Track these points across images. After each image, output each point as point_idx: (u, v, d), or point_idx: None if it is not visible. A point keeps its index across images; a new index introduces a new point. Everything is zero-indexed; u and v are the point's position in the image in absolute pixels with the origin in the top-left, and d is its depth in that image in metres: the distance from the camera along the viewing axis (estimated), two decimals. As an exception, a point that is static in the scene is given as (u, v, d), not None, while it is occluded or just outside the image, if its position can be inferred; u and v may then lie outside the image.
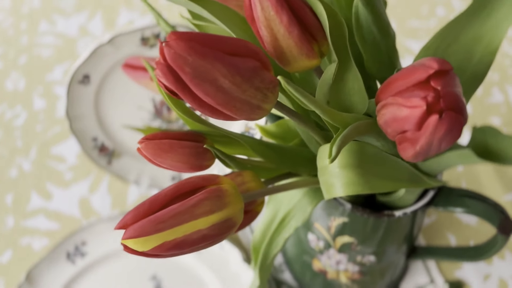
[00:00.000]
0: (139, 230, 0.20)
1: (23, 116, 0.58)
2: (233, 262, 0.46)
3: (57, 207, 0.52)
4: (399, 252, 0.39)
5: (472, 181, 0.53)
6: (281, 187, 0.26)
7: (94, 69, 0.41)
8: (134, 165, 0.49)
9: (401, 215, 0.32)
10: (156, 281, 0.46)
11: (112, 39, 0.39)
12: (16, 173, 0.54)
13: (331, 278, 0.42)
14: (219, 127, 0.26)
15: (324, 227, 0.36)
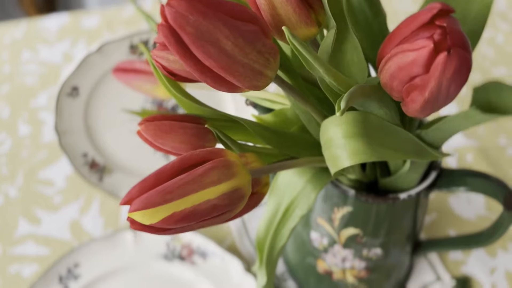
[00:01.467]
0: (146, 202, 0.19)
1: (8, 143, 0.57)
2: (235, 272, 0.44)
3: (46, 231, 0.50)
4: (404, 244, 0.38)
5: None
6: (287, 164, 0.26)
7: (83, 80, 0.40)
8: (126, 181, 0.48)
9: (405, 197, 0.31)
10: (154, 299, 0.44)
11: (101, 47, 0.38)
12: (1, 200, 0.52)
13: (337, 279, 0.40)
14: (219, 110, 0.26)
15: (328, 221, 0.35)
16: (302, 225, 0.39)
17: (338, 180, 0.32)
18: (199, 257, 0.46)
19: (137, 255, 0.46)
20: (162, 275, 0.45)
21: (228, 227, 0.49)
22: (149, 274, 0.45)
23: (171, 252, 0.46)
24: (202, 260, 0.46)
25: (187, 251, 0.46)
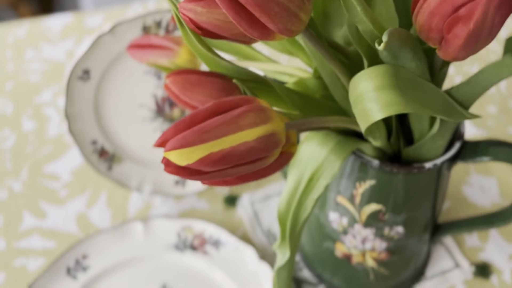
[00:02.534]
0: (182, 141, 0.18)
1: (12, 139, 0.56)
2: (250, 261, 0.43)
3: (52, 225, 0.48)
4: (425, 223, 0.37)
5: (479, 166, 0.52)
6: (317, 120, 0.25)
7: (95, 63, 0.40)
8: (136, 171, 0.46)
9: (431, 166, 0.30)
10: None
11: (113, 28, 0.38)
12: (5, 195, 0.51)
13: (356, 263, 0.39)
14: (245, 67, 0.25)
15: (349, 199, 0.35)
16: (319, 207, 0.38)
17: (361, 151, 0.31)
18: (211, 247, 0.45)
19: (148, 246, 0.45)
20: (173, 266, 0.44)
21: (240, 218, 0.48)
22: (160, 265, 0.44)
23: (182, 242, 0.45)
24: (215, 249, 0.44)
25: (199, 241, 0.45)
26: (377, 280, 0.41)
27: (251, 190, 0.50)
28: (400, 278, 0.42)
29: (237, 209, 0.49)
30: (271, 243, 0.46)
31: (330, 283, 0.43)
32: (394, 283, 0.42)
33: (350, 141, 0.30)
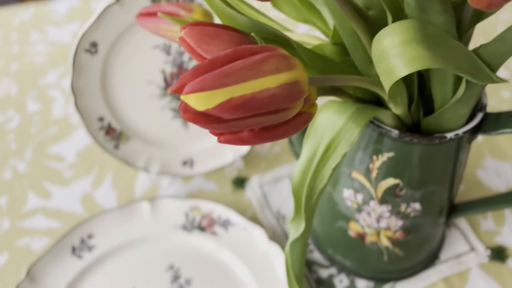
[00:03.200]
0: (202, 84, 0.17)
1: (16, 120, 0.55)
2: (260, 241, 0.42)
3: (57, 205, 0.47)
4: (442, 200, 0.36)
5: (494, 150, 0.51)
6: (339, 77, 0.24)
7: (102, 35, 0.39)
8: (143, 150, 0.45)
9: (452, 136, 0.29)
10: (173, 271, 0.41)
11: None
12: (10, 175, 0.50)
13: (370, 243, 0.38)
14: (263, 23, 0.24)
15: (364, 174, 0.33)
16: (332, 185, 0.37)
17: (379, 121, 0.30)
18: (220, 227, 0.43)
19: (155, 226, 0.44)
20: (181, 246, 0.42)
21: (249, 200, 0.47)
22: (167, 246, 0.43)
23: (190, 222, 0.44)
24: (223, 230, 0.43)
25: (207, 221, 0.44)
26: (390, 261, 0.39)
27: (260, 172, 0.49)
28: (414, 261, 0.41)
29: (246, 191, 0.48)
30: (280, 225, 0.45)
31: (341, 265, 0.41)
32: (408, 265, 0.41)
33: (369, 108, 0.29)
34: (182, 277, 0.41)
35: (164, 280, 0.40)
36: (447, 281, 0.41)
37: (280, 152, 0.51)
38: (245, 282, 0.40)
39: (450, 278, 0.41)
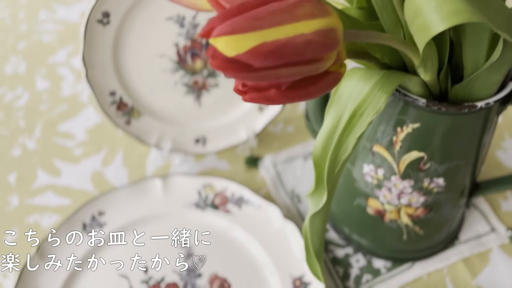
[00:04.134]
0: (233, 26, 0.16)
1: (25, 97, 0.54)
2: (274, 219, 0.41)
3: (67, 182, 0.46)
4: (466, 176, 0.34)
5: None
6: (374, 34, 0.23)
7: (115, 4, 0.37)
8: (155, 126, 0.44)
9: (483, 105, 0.28)
10: (187, 248, 0.40)
11: (136, -34, 0.36)
12: (19, 152, 0.49)
13: (389, 221, 0.37)
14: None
15: (387, 147, 0.32)
16: (351, 161, 0.36)
17: (405, 89, 0.29)
18: (233, 205, 0.42)
19: (167, 204, 0.43)
20: (194, 224, 0.42)
21: (262, 179, 0.46)
22: (179, 223, 0.42)
23: (203, 200, 0.43)
24: (237, 208, 0.42)
25: (220, 199, 0.43)
26: (410, 240, 0.38)
27: (273, 152, 0.48)
28: (434, 240, 0.40)
29: (259, 171, 0.47)
30: (295, 204, 0.44)
31: (358, 244, 0.40)
32: (427, 245, 0.40)
33: (396, 74, 0.27)
34: (195, 255, 0.40)
35: (177, 258, 0.40)
36: (467, 261, 0.40)
37: (293, 132, 0.50)
38: (259, 260, 0.39)
39: (470, 259, 0.40)
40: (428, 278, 0.39)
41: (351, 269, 0.40)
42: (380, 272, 0.40)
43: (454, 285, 0.39)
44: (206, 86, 0.44)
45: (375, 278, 0.39)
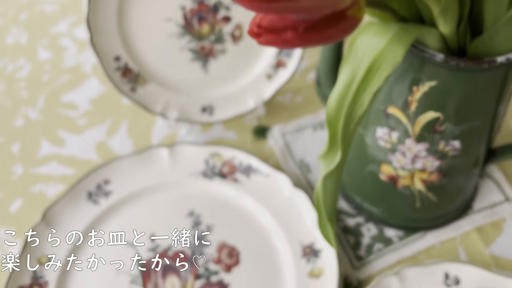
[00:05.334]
0: None
1: (27, 68, 0.53)
2: (284, 187, 0.40)
3: (71, 152, 0.45)
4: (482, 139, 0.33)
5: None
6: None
7: (119, -35, 0.36)
8: (161, 94, 0.43)
9: (503, 60, 0.27)
10: (194, 217, 0.39)
11: None
12: (22, 122, 0.48)
13: (402, 187, 0.36)
14: None
15: (402, 108, 0.31)
16: (363, 126, 0.35)
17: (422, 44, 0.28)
18: (242, 174, 0.42)
19: (173, 173, 0.42)
20: (201, 193, 0.41)
21: (270, 149, 0.45)
22: (187, 192, 0.41)
23: (210, 169, 0.42)
24: (245, 177, 0.41)
25: (228, 168, 0.42)
26: (423, 208, 0.37)
27: (281, 122, 0.47)
28: (447, 209, 0.39)
29: (268, 141, 0.46)
30: (304, 173, 0.43)
31: (370, 213, 0.40)
32: (440, 214, 0.39)
33: (413, 27, 0.26)
34: (203, 223, 0.39)
35: (184, 227, 0.39)
36: (480, 230, 0.39)
37: (302, 102, 0.49)
38: (268, 228, 0.38)
39: (483, 228, 0.39)
40: (441, 246, 0.38)
41: (362, 238, 0.39)
42: (392, 241, 0.39)
43: (467, 254, 0.38)
44: (213, 53, 0.43)
45: (386, 247, 0.38)
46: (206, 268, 0.37)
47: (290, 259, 0.36)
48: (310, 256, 0.37)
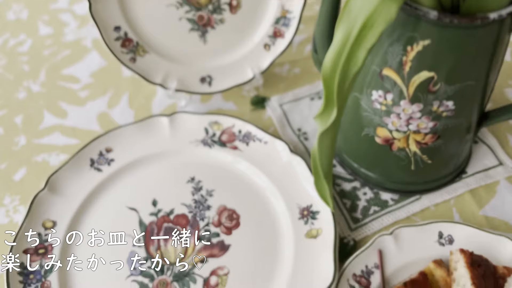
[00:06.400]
0: None
1: (28, 43, 0.53)
2: (282, 153, 0.41)
3: (73, 123, 0.46)
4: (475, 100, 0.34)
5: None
6: None
7: None
8: (160, 64, 0.44)
9: (496, 17, 0.27)
10: (194, 183, 0.40)
11: None
12: (24, 95, 0.49)
13: (397, 149, 0.37)
14: None
15: (396, 69, 0.32)
16: (359, 90, 0.36)
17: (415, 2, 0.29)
18: (241, 142, 0.42)
19: (174, 141, 0.43)
20: (201, 160, 0.42)
21: (269, 118, 0.46)
22: (187, 159, 0.42)
23: (210, 137, 0.43)
24: (244, 145, 0.42)
25: (227, 136, 0.43)
26: (417, 171, 0.38)
27: (279, 93, 0.48)
28: (441, 172, 0.40)
29: (266, 110, 0.47)
30: (301, 141, 0.44)
31: (366, 177, 0.41)
32: (435, 178, 0.40)
33: (407, -15, 0.27)
34: (203, 189, 0.40)
35: (185, 192, 0.40)
36: (474, 193, 0.40)
37: (300, 73, 0.50)
38: (267, 192, 0.39)
39: (477, 191, 0.40)
40: (435, 208, 0.39)
41: (358, 202, 0.40)
42: (387, 204, 0.40)
43: (461, 216, 0.39)
44: (211, 22, 0.43)
45: (382, 209, 0.39)
46: (207, 230, 0.38)
47: (288, 221, 0.37)
48: (308, 217, 0.38)
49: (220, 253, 0.37)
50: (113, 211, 0.39)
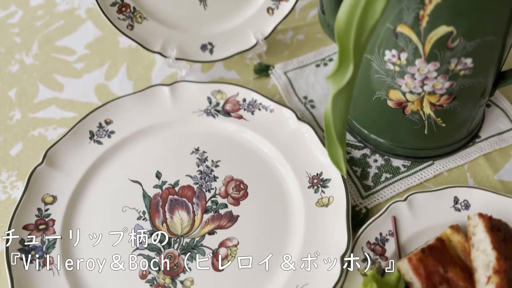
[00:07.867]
0: None
1: (19, 14, 0.51)
2: (289, 121, 0.39)
3: (70, 96, 0.44)
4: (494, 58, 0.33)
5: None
6: None
7: None
8: (159, 31, 0.42)
9: (521, -37, 0.26)
10: (199, 154, 0.39)
11: None
12: (17, 68, 0.47)
13: (411, 113, 0.35)
14: None
15: (412, 25, 0.30)
16: (370, 51, 0.34)
17: (436, -49, 0.27)
18: (245, 111, 0.41)
19: (176, 111, 0.41)
20: (205, 130, 0.40)
21: (274, 87, 0.44)
22: (190, 130, 0.40)
23: (213, 107, 0.41)
24: (249, 114, 0.41)
25: (232, 105, 0.41)
26: (430, 135, 0.37)
27: (283, 61, 0.46)
28: (454, 138, 0.38)
29: (270, 78, 0.45)
30: (308, 108, 0.43)
31: (377, 144, 0.39)
32: (448, 143, 0.38)
33: None
34: (208, 159, 0.38)
35: (190, 163, 0.38)
36: (488, 157, 0.39)
37: (303, 39, 0.48)
38: (275, 161, 0.38)
39: (491, 155, 0.39)
40: (448, 174, 0.38)
41: (369, 169, 0.39)
42: (399, 171, 0.38)
43: (475, 180, 0.38)
44: (212, -15, 0.41)
45: (394, 176, 0.38)
46: (214, 201, 0.36)
47: (298, 190, 0.36)
48: (318, 186, 0.36)
49: (229, 225, 0.35)
50: (115, 185, 0.37)
